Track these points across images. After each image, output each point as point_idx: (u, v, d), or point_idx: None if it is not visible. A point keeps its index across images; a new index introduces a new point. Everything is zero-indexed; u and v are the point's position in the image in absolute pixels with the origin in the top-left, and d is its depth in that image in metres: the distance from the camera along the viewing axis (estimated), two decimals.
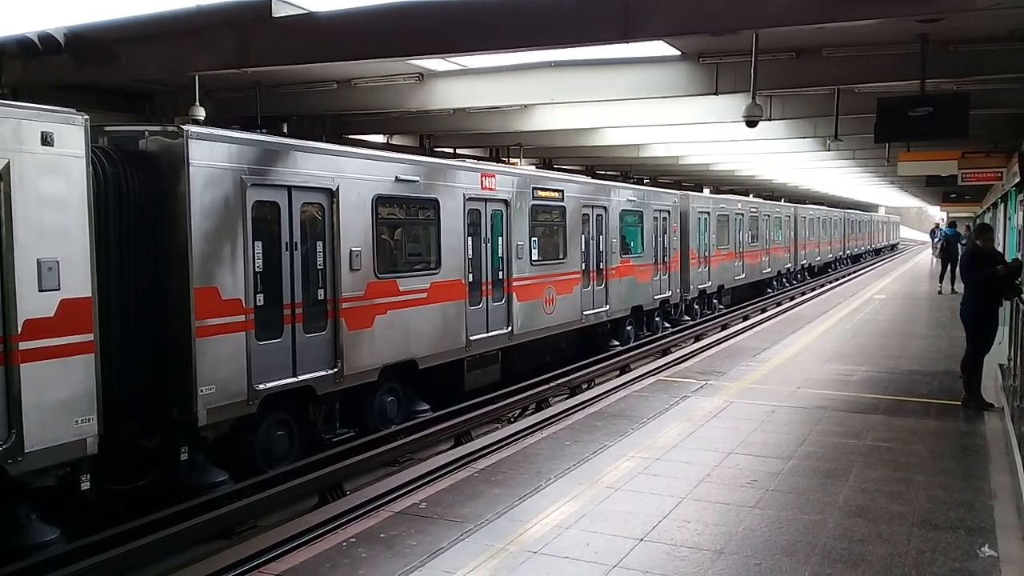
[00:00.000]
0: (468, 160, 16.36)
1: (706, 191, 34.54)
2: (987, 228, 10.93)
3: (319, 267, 9.92)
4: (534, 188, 14.72)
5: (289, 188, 9.49)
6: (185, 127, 8.44)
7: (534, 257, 14.62)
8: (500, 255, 13.73)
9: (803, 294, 31.11)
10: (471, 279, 12.86)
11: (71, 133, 7.14)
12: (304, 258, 9.70)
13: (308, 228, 9.81)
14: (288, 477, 8.92)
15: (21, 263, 6.73)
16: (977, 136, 16.27)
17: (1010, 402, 9.30)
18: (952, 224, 31.51)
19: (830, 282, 36.67)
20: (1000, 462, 7.85)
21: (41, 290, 6.87)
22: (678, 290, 21.73)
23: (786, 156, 24.41)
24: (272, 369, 9.19)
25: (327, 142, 12.37)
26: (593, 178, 20.68)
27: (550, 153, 23.67)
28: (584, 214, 16.51)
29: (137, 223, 8.12)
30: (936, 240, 40.19)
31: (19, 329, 6.71)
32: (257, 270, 9.06)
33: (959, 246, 24.67)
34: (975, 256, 10.23)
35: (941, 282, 25.80)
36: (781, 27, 8.33)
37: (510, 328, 13.83)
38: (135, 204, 8.09)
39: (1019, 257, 13.61)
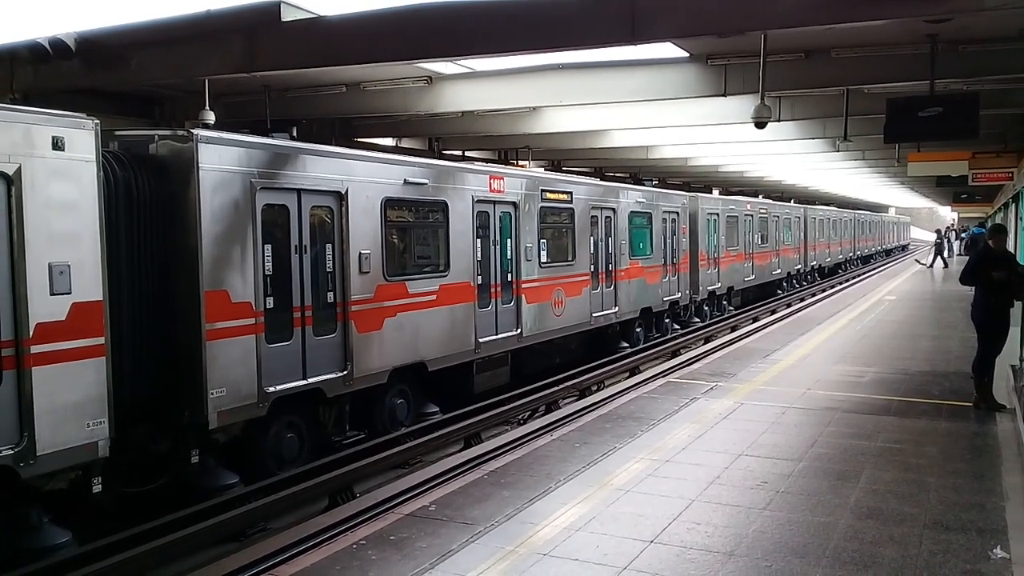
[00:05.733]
0: (477, 162, 16.37)
1: (715, 192, 34.46)
2: (1001, 229, 10.84)
3: (328, 270, 9.94)
4: (543, 190, 14.72)
5: (298, 191, 9.52)
6: (195, 131, 8.47)
7: (543, 259, 14.62)
8: (509, 257, 13.73)
9: (813, 295, 30.99)
10: (480, 281, 12.87)
11: (81, 137, 7.17)
12: (313, 261, 9.73)
13: (317, 231, 9.84)
14: (298, 480, 8.93)
15: (32, 267, 6.77)
16: (987, 136, 16.19)
17: (1022, 403, 9.27)
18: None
19: (840, 283, 36.54)
20: (1012, 463, 7.81)
21: (52, 294, 6.91)
22: (687, 292, 21.71)
23: (795, 157, 24.34)
24: (282, 372, 9.22)
25: (336, 145, 12.41)
26: (602, 180, 20.65)
27: (559, 155, 23.66)
28: (593, 216, 16.50)
29: (147, 227, 8.16)
30: (964, 236, 43.51)
31: (31, 332, 6.74)
32: (267, 273, 9.09)
33: None
34: (983, 257, 10.17)
35: None
36: (787, 28, 8.31)
37: (519, 330, 13.84)
38: (145, 208, 8.12)
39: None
